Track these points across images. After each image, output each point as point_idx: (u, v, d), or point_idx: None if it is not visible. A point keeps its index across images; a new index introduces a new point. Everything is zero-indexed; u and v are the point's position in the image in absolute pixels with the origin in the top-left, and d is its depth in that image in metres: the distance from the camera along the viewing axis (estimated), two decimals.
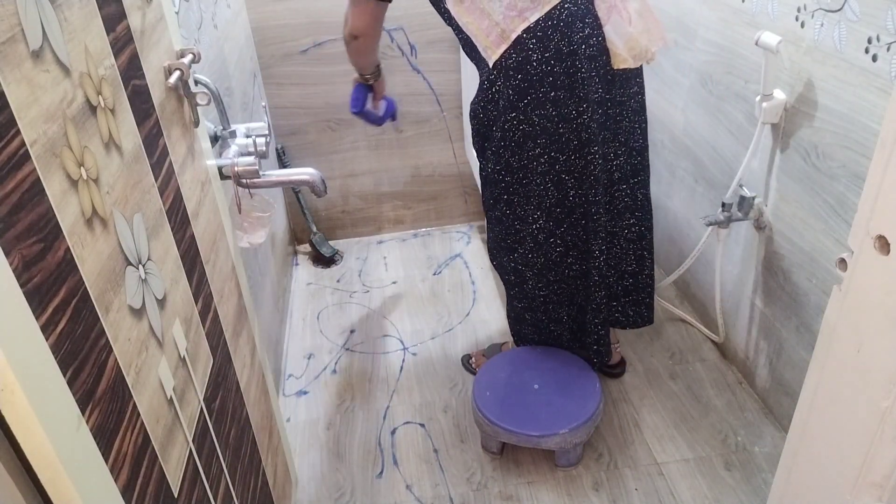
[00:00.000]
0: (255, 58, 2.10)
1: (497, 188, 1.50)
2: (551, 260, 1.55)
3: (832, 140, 1.32)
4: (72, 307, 0.56)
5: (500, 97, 1.38)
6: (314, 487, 1.57)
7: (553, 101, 1.36)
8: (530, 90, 1.35)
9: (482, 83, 1.42)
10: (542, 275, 1.57)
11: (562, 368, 1.64)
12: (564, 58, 1.33)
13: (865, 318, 0.75)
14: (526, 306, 1.65)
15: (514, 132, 1.40)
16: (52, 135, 0.56)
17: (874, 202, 0.71)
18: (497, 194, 1.51)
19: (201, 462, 0.84)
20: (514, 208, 1.51)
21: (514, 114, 1.38)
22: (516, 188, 1.48)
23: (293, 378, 1.89)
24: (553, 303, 1.62)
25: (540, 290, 1.60)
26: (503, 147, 1.43)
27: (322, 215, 2.46)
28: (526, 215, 1.50)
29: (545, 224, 1.50)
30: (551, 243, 1.53)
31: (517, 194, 1.49)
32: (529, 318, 1.67)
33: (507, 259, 1.60)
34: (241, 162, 1.11)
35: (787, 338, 1.55)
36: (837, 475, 0.83)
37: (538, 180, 1.45)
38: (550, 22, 1.31)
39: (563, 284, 1.59)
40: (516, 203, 1.50)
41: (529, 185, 1.46)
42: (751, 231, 1.64)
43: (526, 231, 1.52)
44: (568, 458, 1.55)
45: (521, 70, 1.34)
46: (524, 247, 1.55)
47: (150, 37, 0.85)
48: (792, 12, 1.38)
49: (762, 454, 1.57)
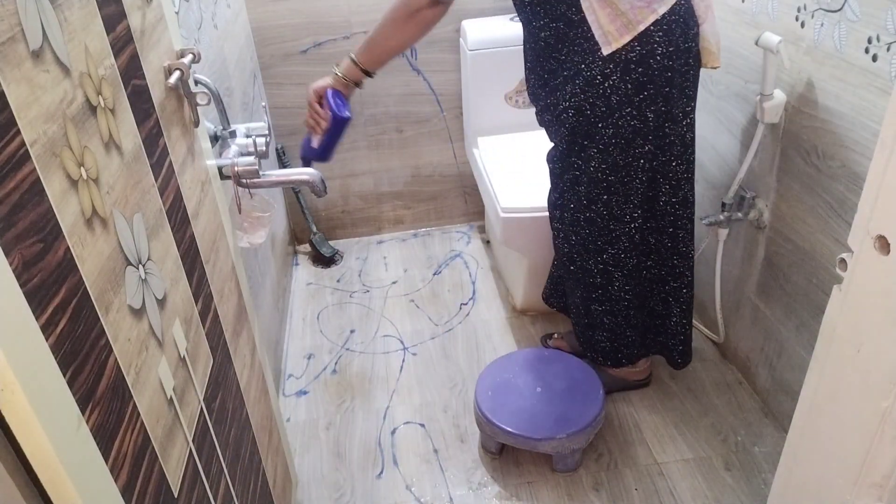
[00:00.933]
0: (255, 58, 2.10)
1: (598, 188, 1.43)
2: (640, 261, 1.53)
3: (832, 140, 1.32)
4: (72, 307, 0.56)
5: (614, 92, 1.32)
6: (314, 487, 1.57)
7: (665, 97, 1.33)
8: (648, 85, 1.31)
9: (589, 77, 1.33)
10: (631, 276, 1.53)
11: (567, 373, 1.63)
12: (682, 54, 1.31)
13: (865, 318, 0.75)
14: (607, 310, 1.59)
15: (626, 129, 1.35)
16: (52, 135, 0.56)
17: (874, 202, 0.71)
18: (596, 194, 1.44)
19: (201, 462, 0.84)
20: (612, 208, 1.45)
21: (629, 109, 1.33)
22: (618, 187, 1.42)
23: (293, 378, 1.89)
24: (635, 307, 1.58)
25: (626, 292, 1.55)
26: (613, 145, 1.37)
27: (322, 215, 2.46)
28: (623, 214, 1.46)
29: (643, 223, 1.48)
30: (645, 243, 1.50)
31: (617, 193, 1.43)
32: (608, 323, 1.61)
33: (593, 261, 1.53)
34: (241, 162, 1.11)
35: (787, 338, 1.55)
36: (837, 475, 0.83)
37: (640, 177, 1.41)
38: (674, 16, 1.28)
39: (645, 286, 1.57)
40: (614, 203, 1.44)
41: (631, 183, 1.42)
42: (751, 231, 1.64)
43: (621, 230, 1.48)
44: (565, 464, 1.55)
45: (644, 63, 1.29)
46: (616, 247, 1.50)
47: (150, 37, 0.85)
48: (792, 12, 1.38)
49: (762, 454, 1.57)
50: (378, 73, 1.44)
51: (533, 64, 1.45)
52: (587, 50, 1.32)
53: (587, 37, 1.31)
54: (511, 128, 2.15)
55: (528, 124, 1.88)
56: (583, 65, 1.34)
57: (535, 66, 1.45)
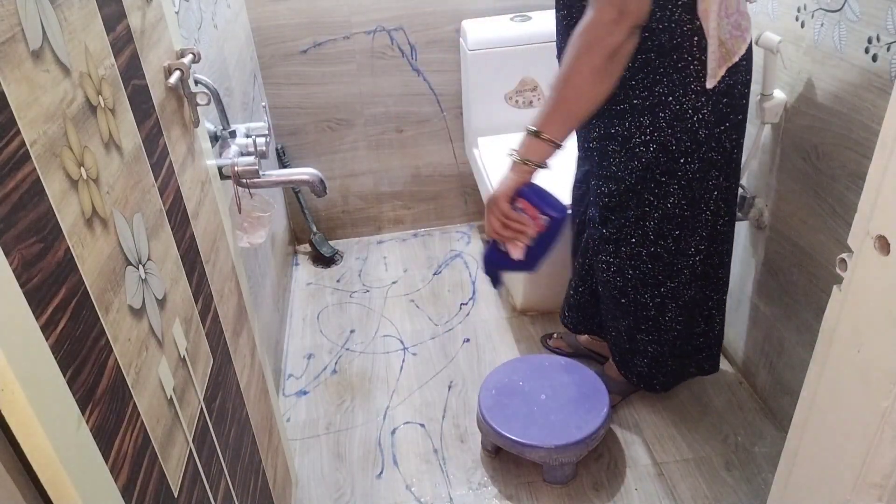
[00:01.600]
0: (255, 58, 2.10)
1: (670, 223, 1.35)
2: (697, 292, 1.47)
3: (832, 140, 1.32)
4: (72, 307, 0.56)
5: (702, 127, 1.24)
6: (314, 487, 1.57)
7: (738, 126, 1.29)
8: (730, 115, 1.26)
9: (678, 112, 1.23)
10: (686, 307, 1.48)
11: (577, 386, 1.59)
12: (750, 82, 1.28)
13: (865, 318, 0.75)
14: (654, 339, 1.53)
15: (708, 163, 1.29)
16: (52, 135, 0.56)
17: (874, 202, 0.71)
18: (668, 230, 1.36)
19: (201, 462, 0.84)
20: (679, 243, 1.38)
21: (712, 143, 1.27)
22: (689, 221, 1.36)
23: (293, 378, 1.89)
24: (682, 337, 1.53)
25: (679, 323, 1.50)
26: (696, 180, 1.30)
27: (322, 215, 2.46)
28: (688, 247, 1.39)
29: (706, 256, 1.41)
30: (706, 274, 1.44)
31: (686, 227, 1.36)
32: (651, 351, 1.55)
33: (650, 294, 1.46)
34: (241, 162, 1.11)
35: (787, 338, 1.55)
36: (837, 475, 0.83)
37: (710, 209, 1.35)
38: (750, 43, 1.24)
39: (695, 313, 1.51)
40: (681, 237, 1.38)
41: (701, 216, 1.35)
42: (751, 231, 1.64)
43: (684, 264, 1.42)
44: (554, 476, 1.52)
45: (729, 94, 1.23)
46: (677, 280, 1.44)
47: (150, 37, 0.85)
48: (792, 12, 1.38)
49: (762, 454, 1.57)
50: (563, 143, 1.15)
51: None
52: (677, 82, 1.21)
53: (678, 67, 1.20)
54: (511, 128, 2.14)
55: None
56: (671, 97, 1.22)
57: None
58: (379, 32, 2.16)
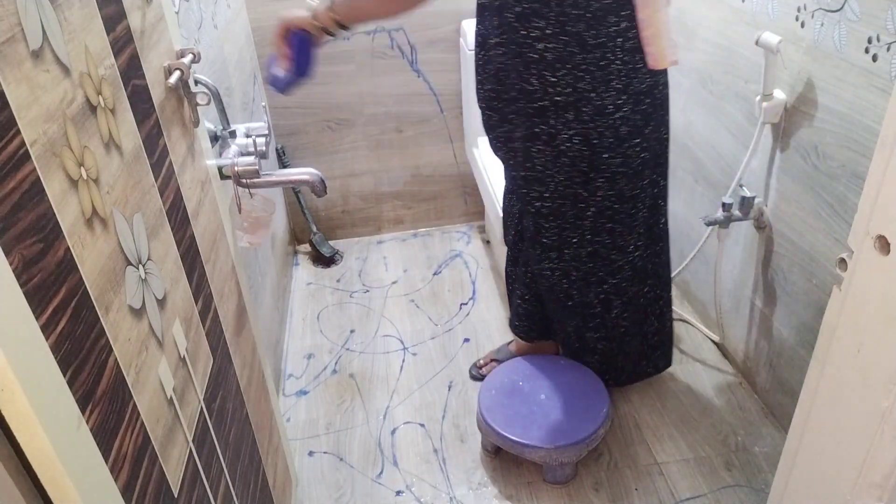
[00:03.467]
0: (255, 58, 2.10)
1: (602, 217, 1.41)
2: (639, 288, 1.52)
3: (832, 140, 1.32)
4: (72, 307, 0.56)
5: (624, 124, 1.30)
6: (314, 487, 1.57)
7: (665, 124, 1.36)
8: (654, 115, 1.32)
9: (600, 107, 1.29)
10: (631, 304, 1.53)
11: (577, 386, 1.59)
12: (667, 84, 1.35)
13: (865, 318, 0.75)
14: (602, 336, 1.58)
15: (636, 160, 1.34)
16: (52, 135, 0.56)
17: (874, 202, 0.71)
18: (601, 224, 1.42)
19: (201, 462, 0.84)
20: (616, 238, 1.43)
21: (637, 140, 1.32)
22: (622, 217, 1.40)
23: (293, 378, 1.89)
24: (632, 335, 1.58)
25: (624, 319, 1.54)
26: (620, 174, 1.35)
27: (322, 215, 2.46)
28: (626, 244, 1.45)
29: (649, 255, 1.47)
30: (645, 270, 1.50)
31: (621, 223, 1.41)
32: (602, 349, 1.61)
33: (593, 293, 1.51)
34: (241, 162, 1.11)
35: (787, 338, 1.55)
36: (837, 475, 0.83)
37: (647, 206, 1.41)
38: None
39: (640, 311, 1.55)
40: (616, 232, 1.42)
41: (636, 214, 1.41)
42: (751, 231, 1.64)
43: (624, 260, 1.47)
44: (554, 476, 1.52)
45: (650, 94, 1.30)
46: (618, 276, 1.49)
47: (150, 37, 0.85)
48: (792, 12, 1.38)
49: (762, 454, 1.57)
50: (352, 30, 1.34)
51: (499, 77, 1.34)
52: (599, 79, 1.26)
53: (600, 65, 1.25)
54: None
55: None
56: (593, 93, 1.27)
57: (504, 80, 1.33)
58: (379, 32, 2.16)
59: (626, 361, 1.64)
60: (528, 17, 1.24)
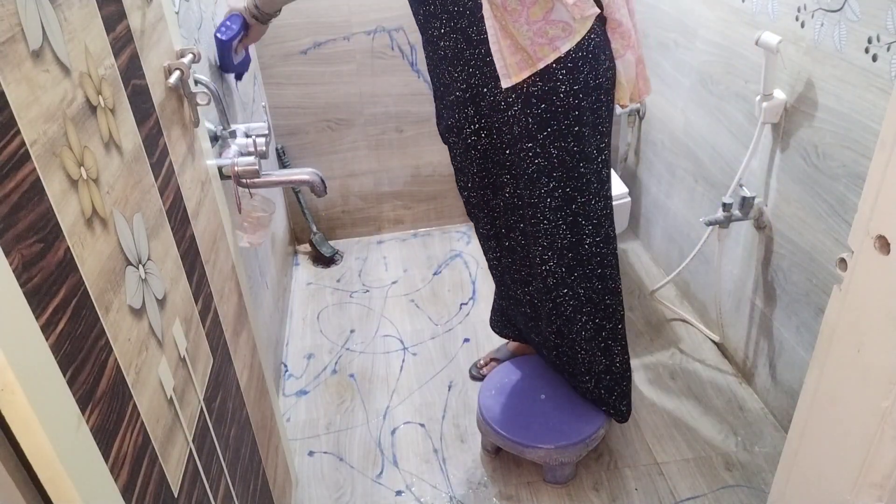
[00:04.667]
0: (255, 58, 2.10)
1: (514, 215, 1.39)
2: (565, 314, 1.43)
3: (832, 140, 1.32)
4: (72, 307, 0.56)
5: (516, 123, 1.27)
6: (314, 487, 1.57)
7: (576, 136, 1.26)
8: (552, 122, 1.25)
9: (493, 103, 1.27)
10: (558, 330, 1.47)
11: None
12: (591, 91, 1.24)
13: (865, 318, 0.75)
14: (555, 333, 1.51)
15: (529, 165, 1.29)
16: (52, 135, 0.56)
17: (874, 202, 0.71)
18: (513, 222, 1.41)
19: (201, 462, 0.84)
20: (527, 240, 1.40)
21: (530, 144, 1.27)
22: (528, 220, 1.37)
23: (293, 378, 1.89)
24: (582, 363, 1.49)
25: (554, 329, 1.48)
26: (518, 176, 1.33)
27: (322, 215, 2.46)
28: (534, 256, 1.40)
29: (556, 268, 1.38)
30: (564, 294, 1.41)
31: (530, 225, 1.37)
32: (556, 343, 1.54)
33: (521, 291, 1.50)
34: (241, 162, 1.11)
35: (787, 338, 1.55)
36: (837, 475, 0.83)
37: (550, 217, 1.33)
38: (580, 53, 1.21)
39: (580, 343, 1.47)
40: (528, 233, 1.39)
41: (539, 224, 1.35)
42: (751, 231, 1.64)
43: (536, 272, 1.42)
44: (554, 476, 1.51)
45: (546, 100, 1.23)
46: (534, 286, 1.45)
47: (150, 37, 0.85)
48: (792, 12, 1.38)
49: (762, 454, 1.57)
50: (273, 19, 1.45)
51: (432, 73, 1.36)
52: (488, 74, 1.24)
53: (486, 60, 1.23)
54: None
55: None
56: (485, 88, 1.27)
57: (433, 75, 1.36)
58: (379, 33, 2.16)
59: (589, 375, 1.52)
60: (432, 19, 1.27)
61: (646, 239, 2.30)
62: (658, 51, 1.99)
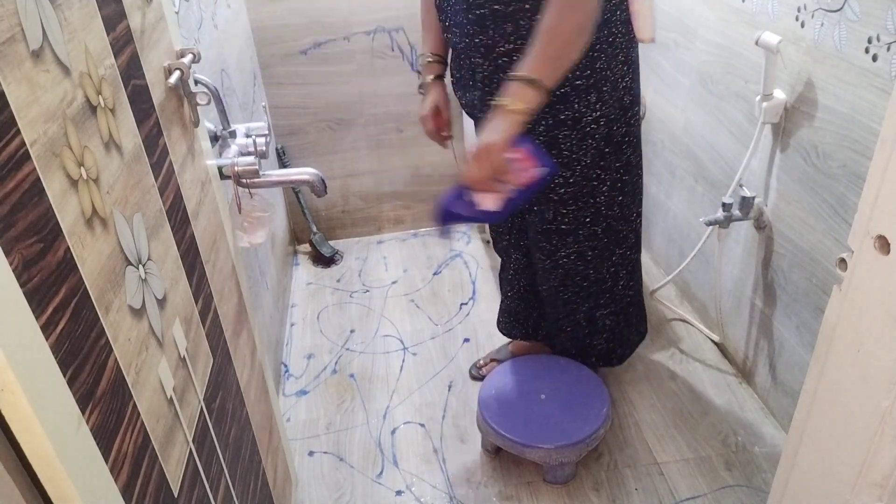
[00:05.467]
0: (255, 58, 2.10)
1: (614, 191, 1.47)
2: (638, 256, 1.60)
3: (832, 140, 1.32)
4: (72, 307, 0.56)
5: (626, 93, 1.38)
6: (314, 487, 1.57)
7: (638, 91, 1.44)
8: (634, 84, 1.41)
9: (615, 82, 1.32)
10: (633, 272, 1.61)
11: (577, 386, 1.59)
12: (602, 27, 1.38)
13: (865, 318, 0.75)
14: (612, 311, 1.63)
15: (636, 127, 1.44)
16: (52, 135, 0.56)
17: (874, 202, 0.71)
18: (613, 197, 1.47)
19: (201, 462, 0.84)
20: (623, 209, 1.50)
21: (637, 107, 1.42)
22: (629, 186, 1.49)
23: (293, 378, 1.89)
24: (634, 303, 1.65)
25: (630, 288, 1.61)
26: (626, 143, 1.42)
27: (322, 215, 2.46)
28: (630, 213, 1.52)
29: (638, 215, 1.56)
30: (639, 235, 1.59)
31: (627, 193, 1.49)
32: (610, 324, 1.64)
33: (605, 268, 1.58)
34: (241, 162, 1.11)
35: (787, 338, 1.55)
36: (837, 475, 0.83)
37: (639, 173, 1.51)
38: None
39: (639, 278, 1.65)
40: (625, 203, 1.50)
41: (637, 182, 1.52)
42: (751, 231, 1.64)
43: (629, 229, 1.54)
44: (554, 476, 1.52)
45: (637, 63, 1.40)
46: (624, 245, 1.55)
47: (150, 37, 0.85)
48: (792, 12, 1.38)
49: (762, 454, 1.57)
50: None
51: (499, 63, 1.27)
52: (610, 55, 1.28)
53: (609, 41, 1.27)
54: None
55: None
56: (608, 71, 1.29)
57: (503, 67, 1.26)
58: (379, 33, 2.16)
59: (630, 332, 1.67)
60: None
61: (646, 239, 2.29)
62: (658, 51, 1.99)
